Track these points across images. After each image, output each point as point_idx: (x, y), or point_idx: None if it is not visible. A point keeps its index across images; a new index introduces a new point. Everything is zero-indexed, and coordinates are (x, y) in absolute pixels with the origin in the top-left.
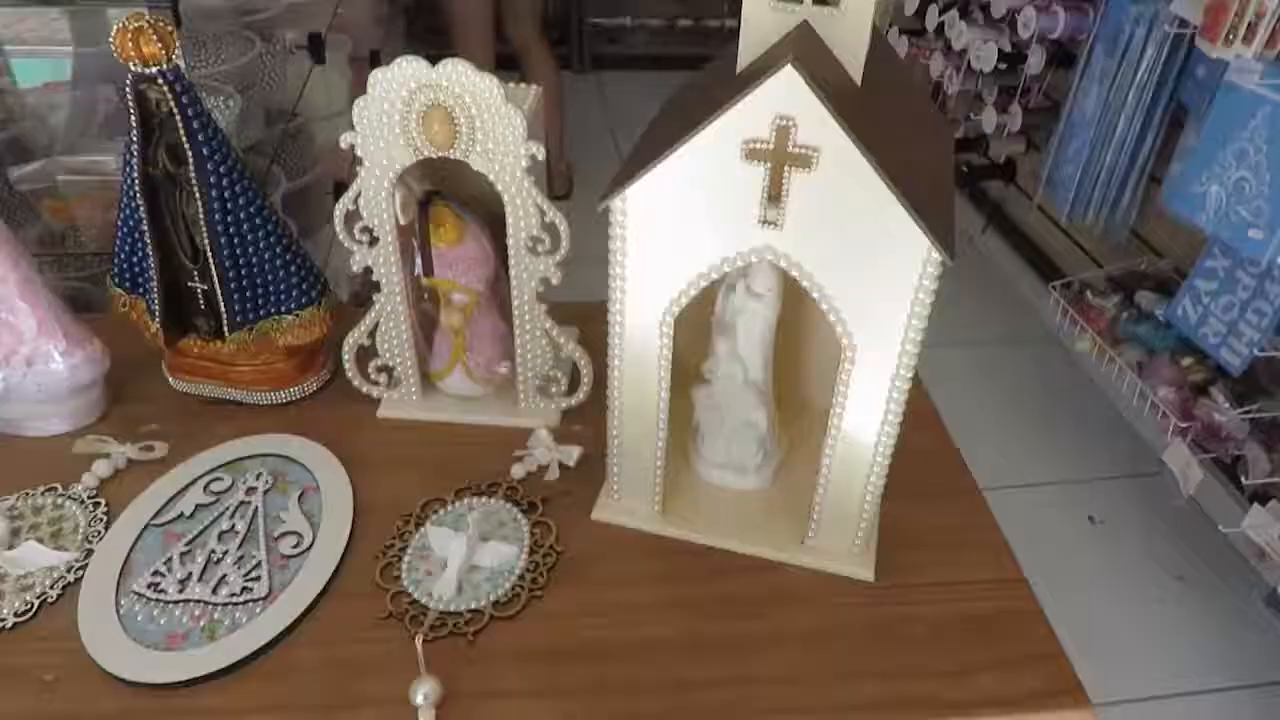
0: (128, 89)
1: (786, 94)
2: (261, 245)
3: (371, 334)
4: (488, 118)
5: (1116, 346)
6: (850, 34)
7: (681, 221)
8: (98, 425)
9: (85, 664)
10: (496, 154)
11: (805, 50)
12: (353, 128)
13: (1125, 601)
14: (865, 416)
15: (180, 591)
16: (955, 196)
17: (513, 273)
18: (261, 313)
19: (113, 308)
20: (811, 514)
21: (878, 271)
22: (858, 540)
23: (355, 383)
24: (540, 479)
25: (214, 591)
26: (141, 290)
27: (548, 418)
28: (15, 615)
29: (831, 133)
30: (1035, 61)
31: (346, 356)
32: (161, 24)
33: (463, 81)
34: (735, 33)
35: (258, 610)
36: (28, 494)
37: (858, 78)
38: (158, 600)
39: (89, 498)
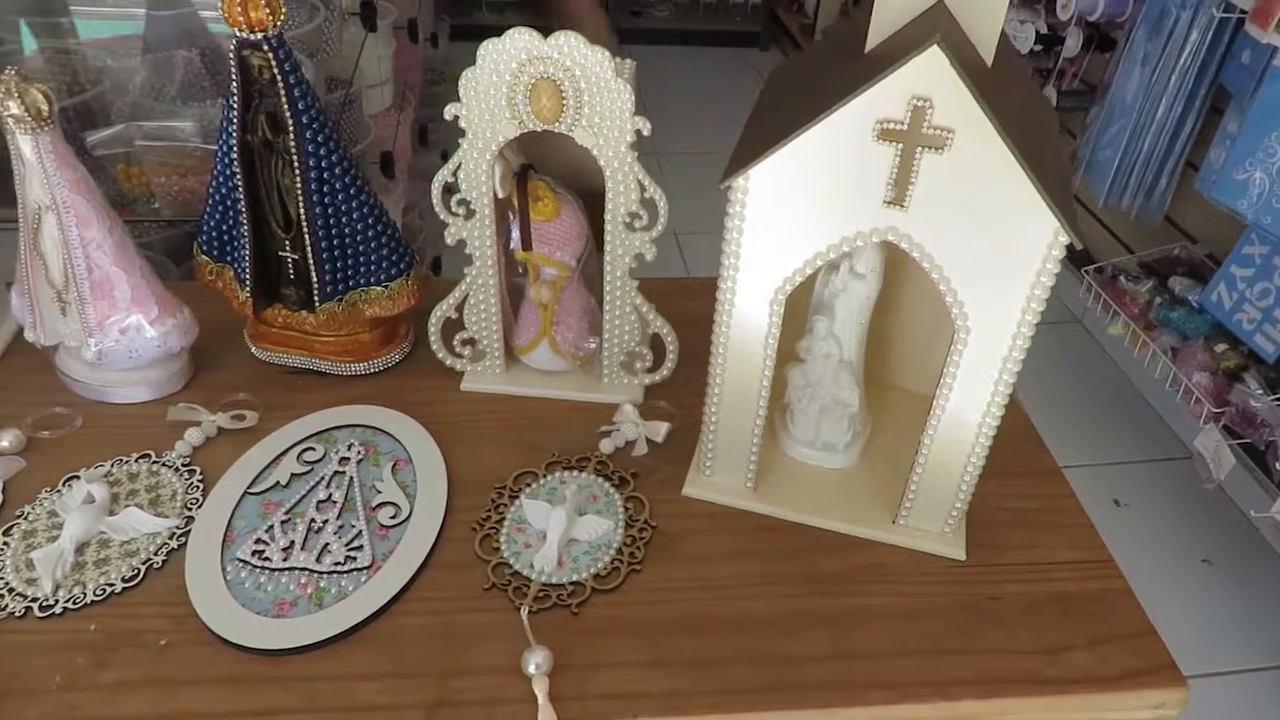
0: (231, 55)
1: (927, 75)
2: (355, 216)
3: (459, 307)
4: (596, 91)
5: (1150, 332)
6: (986, 16)
7: (803, 201)
8: (181, 394)
9: (196, 629)
10: (602, 128)
11: (944, 31)
12: (457, 99)
13: (1151, 584)
14: (972, 398)
15: (285, 560)
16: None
17: (607, 248)
18: (351, 284)
19: (199, 275)
20: (906, 494)
21: (1001, 253)
22: (950, 520)
23: (440, 355)
24: (627, 454)
25: (318, 560)
26: (229, 258)
27: (630, 393)
28: (123, 580)
29: (968, 114)
30: (1072, 44)
31: (433, 329)
32: None
33: (574, 55)
34: (758, 9)
35: (363, 579)
36: (122, 460)
37: (989, 60)
38: (263, 568)
39: (183, 465)
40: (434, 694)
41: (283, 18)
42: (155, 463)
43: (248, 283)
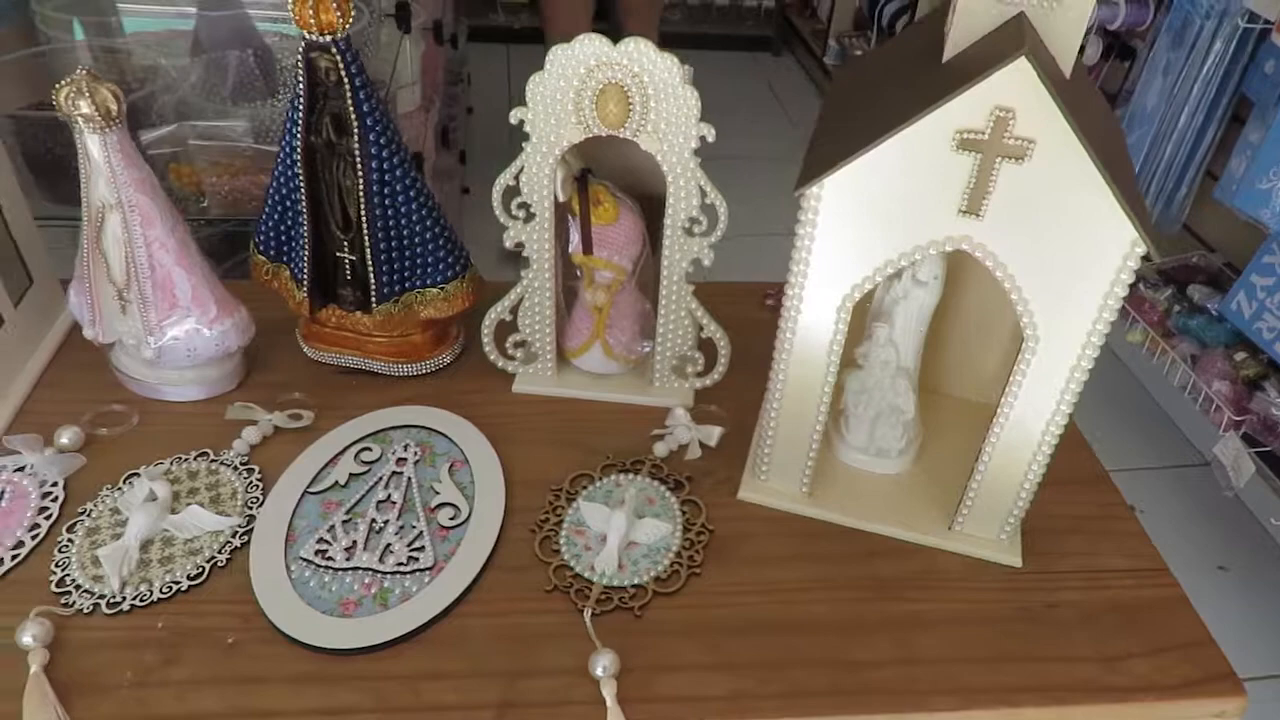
0: (299, 57)
1: (1011, 86)
2: (414, 218)
3: (513, 310)
4: (664, 98)
5: (1169, 339)
6: (1067, 28)
7: (877, 209)
8: (234, 393)
9: (263, 628)
10: (667, 134)
11: (1029, 43)
12: (524, 103)
13: None
14: (1037, 406)
15: (348, 559)
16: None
17: (665, 253)
18: (408, 285)
19: (255, 274)
20: (964, 501)
21: (1076, 262)
22: (1007, 528)
23: (491, 357)
24: (680, 457)
25: (381, 560)
26: (286, 258)
27: (681, 397)
28: (189, 578)
29: (1051, 125)
30: (1092, 52)
31: (486, 331)
32: None
33: (642, 61)
34: (771, 14)
35: (426, 580)
36: (181, 458)
37: (1068, 72)
38: (327, 567)
39: (241, 464)
40: (502, 695)
41: (351, 21)
42: (214, 461)
43: (305, 283)
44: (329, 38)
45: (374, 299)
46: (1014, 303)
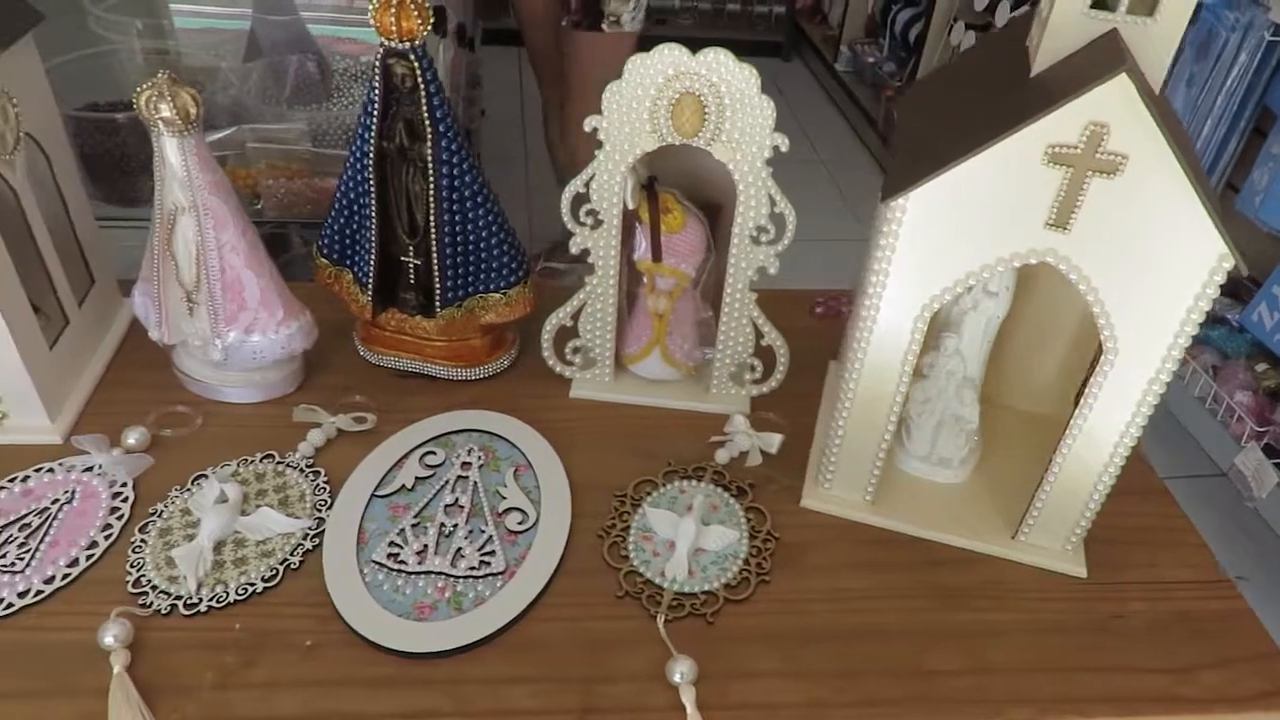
0: (376, 63)
1: (1108, 101)
2: (481, 224)
3: (573, 315)
4: (739, 107)
5: (1190, 350)
6: (1160, 44)
7: (961, 222)
8: (294, 395)
9: (339, 630)
10: (741, 144)
11: (1125, 59)
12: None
13: None
14: (1112, 418)
15: (420, 563)
16: None
17: (731, 260)
18: (471, 290)
19: (317, 277)
20: (1030, 511)
21: (1162, 276)
22: (1073, 538)
23: (550, 362)
24: (740, 464)
25: (452, 564)
26: (349, 262)
27: (737, 404)
28: (263, 580)
29: (1145, 140)
30: None
31: (546, 336)
32: (420, 0)
33: (721, 71)
34: (782, 20)
35: (498, 584)
36: (247, 460)
37: (1159, 88)
38: (399, 571)
39: (307, 466)
40: (581, 700)
41: (430, 27)
42: (280, 463)
43: (370, 287)
44: (408, 44)
45: (438, 303)
46: (1095, 316)
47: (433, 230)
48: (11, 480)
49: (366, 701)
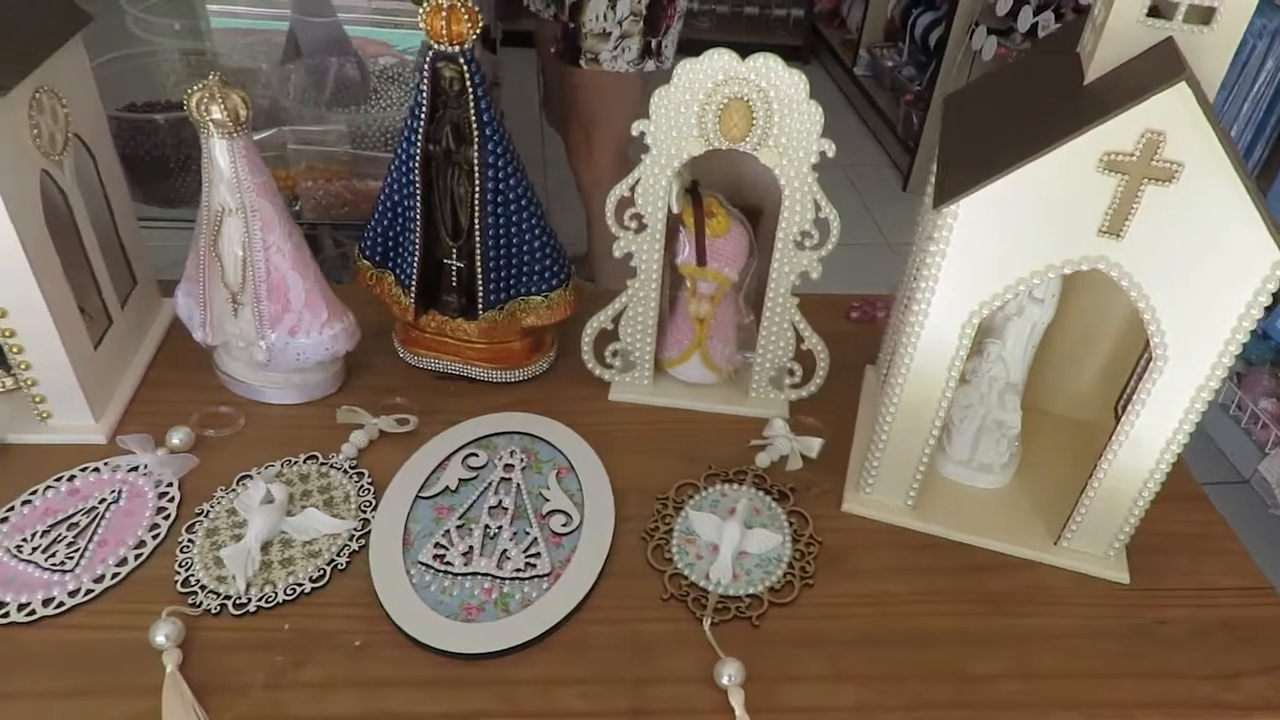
0: (425, 66)
1: (1166, 110)
2: (524, 227)
3: (614, 319)
4: (788, 113)
5: None
6: (1215, 53)
7: (1013, 228)
8: (335, 396)
9: (388, 631)
10: (788, 149)
11: (1184, 67)
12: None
13: None
14: (1159, 425)
15: (466, 565)
16: None
17: (774, 265)
18: (513, 292)
19: (359, 279)
20: (1073, 516)
21: (1215, 283)
22: (1116, 545)
23: (590, 365)
24: (781, 468)
25: (498, 566)
26: (391, 264)
27: (776, 408)
28: (311, 581)
29: (1202, 149)
30: None
31: (586, 339)
32: (469, 4)
33: (770, 76)
34: (800, 24)
35: (544, 586)
36: (290, 461)
37: (1213, 96)
38: (446, 572)
39: (350, 467)
40: (630, 701)
41: (480, 30)
42: (323, 464)
43: (413, 289)
44: (457, 48)
45: (480, 306)
46: (1145, 323)
47: (476, 233)
48: (58, 479)
49: (418, 702)
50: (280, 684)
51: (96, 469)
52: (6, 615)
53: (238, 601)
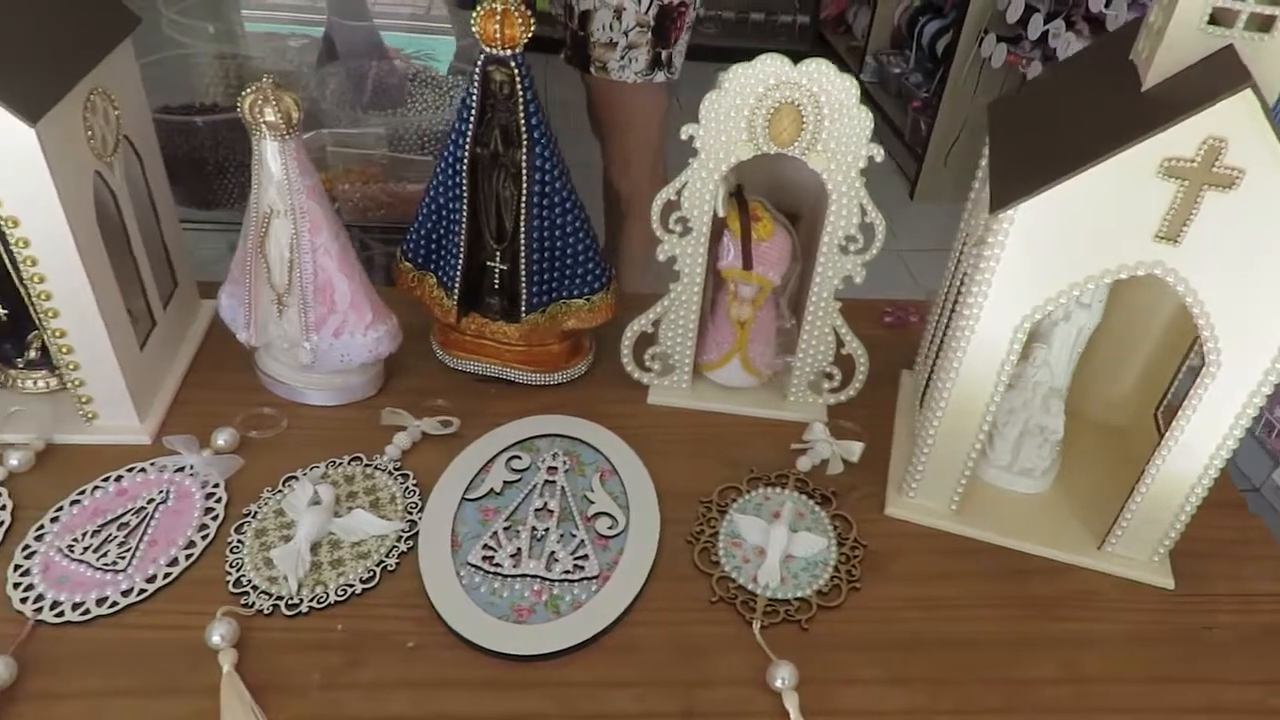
0: (476, 70)
1: (1229, 117)
2: (568, 230)
3: (655, 322)
4: (838, 118)
5: None
6: (1276, 61)
7: (1069, 234)
8: (375, 398)
9: (440, 632)
10: (837, 153)
11: (1247, 75)
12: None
13: None
14: (1209, 430)
15: (515, 566)
16: None
17: (818, 269)
18: (555, 295)
19: (399, 281)
20: (1119, 522)
21: (1271, 289)
22: (1160, 550)
23: (629, 368)
24: (821, 472)
25: (547, 568)
26: (433, 266)
27: (815, 411)
28: (361, 582)
29: (1265, 156)
30: None
31: (626, 343)
32: (522, 8)
33: (822, 81)
34: (805, 30)
35: (593, 589)
36: (335, 462)
37: (1272, 102)
38: (495, 574)
39: (395, 469)
40: (682, 704)
41: (531, 34)
42: (368, 465)
43: (456, 291)
44: (509, 52)
45: (523, 308)
46: (1199, 329)
47: (521, 235)
48: (105, 479)
49: (474, 703)
50: (336, 684)
51: (143, 469)
52: (61, 614)
53: (290, 602)
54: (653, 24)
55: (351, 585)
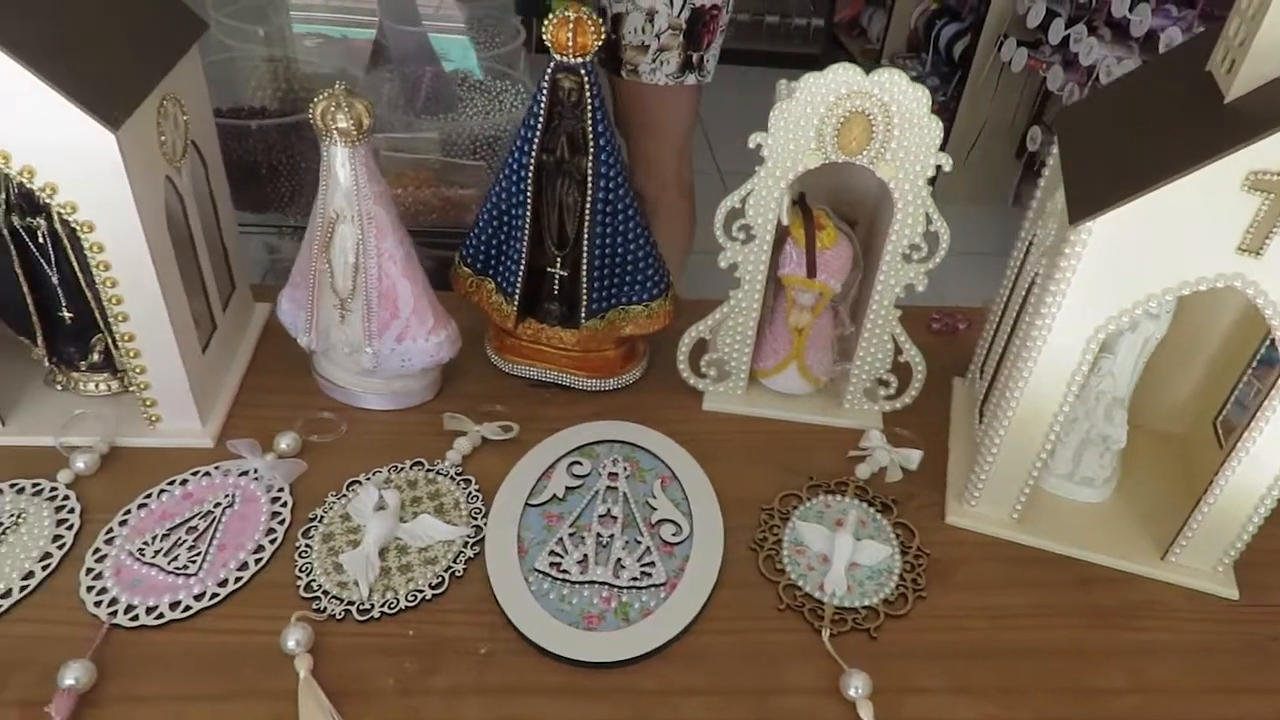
0: (545, 77)
1: None
2: (629, 236)
3: (713, 329)
4: (908, 127)
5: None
6: None
7: (1148, 246)
8: (432, 403)
9: (511, 638)
10: (905, 163)
11: None
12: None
13: None
14: None
15: (583, 573)
16: None
17: (880, 277)
18: (614, 301)
19: (457, 286)
20: (1184, 531)
21: None
22: (1225, 560)
23: (684, 374)
24: (880, 479)
25: (615, 575)
26: (492, 272)
27: (870, 418)
28: (430, 587)
29: None
30: None
31: (683, 349)
32: (595, 16)
33: (894, 91)
34: (820, 33)
35: (661, 596)
36: (397, 467)
37: None
38: (563, 580)
39: (457, 474)
40: (754, 712)
41: (601, 41)
42: (430, 470)
43: (516, 297)
44: (580, 59)
45: (583, 314)
46: (1278, 340)
47: (584, 242)
48: (171, 483)
49: (547, 710)
50: (411, 690)
51: (208, 473)
52: (135, 618)
53: (361, 607)
54: (685, 27)
55: (421, 591)
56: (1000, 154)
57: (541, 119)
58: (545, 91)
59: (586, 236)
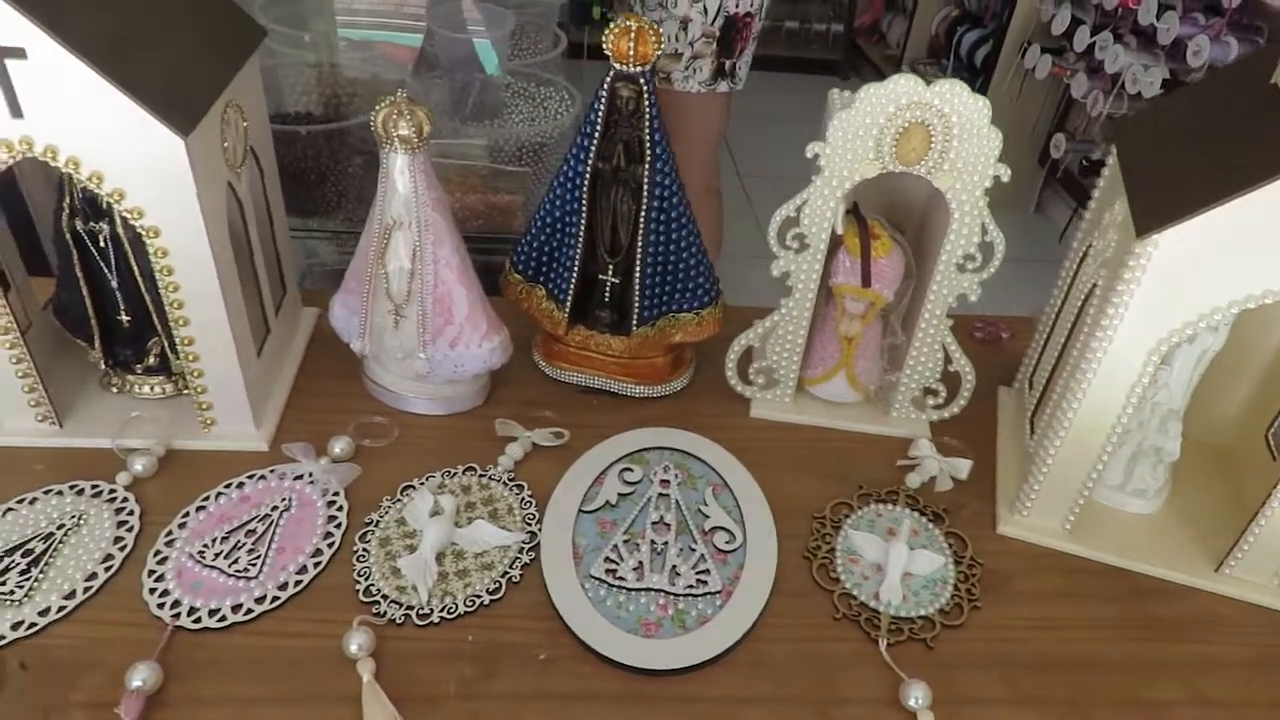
0: (604, 86)
1: None
2: (682, 245)
3: (763, 337)
4: (967, 138)
5: None
6: None
7: (1214, 260)
8: (481, 408)
9: (569, 644)
10: (963, 173)
11: None
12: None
13: None
14: None
15: (639, 580)
16: None
17: (933, 286)
18: (665, 309)
19: (507, 293)
20: (1240, 544)
21: None
22: None
23: (732, 382)
24: (930, 488)
25: (671, 582)
26: (544, 279)
27: (918, 427)
28: (488, 593)
29: None
30: None
31: (732, 356)
32: (654, 26)
33: (954, 101)
34: (839, 39)
35: (718, 604)
36: (450, 472)
37: None
38: (620, 587)
39: (509, 479)
40: None
41: (660, 50)
42: (482, 476)
43: (568, 303)
44: (640, 68)
45: (635, 321)
46: None
47: (639, 249)
48: (228, 486)
49: (608, 716)
50: (473, 695)
51: (264, 476)
52: (199, 620)
53: (420, 612)
54: (718, 35)
55: (479, 596)
56: (1022, 161)
57: (598, 127)
58: (604, 100)
59: (640, 244)
